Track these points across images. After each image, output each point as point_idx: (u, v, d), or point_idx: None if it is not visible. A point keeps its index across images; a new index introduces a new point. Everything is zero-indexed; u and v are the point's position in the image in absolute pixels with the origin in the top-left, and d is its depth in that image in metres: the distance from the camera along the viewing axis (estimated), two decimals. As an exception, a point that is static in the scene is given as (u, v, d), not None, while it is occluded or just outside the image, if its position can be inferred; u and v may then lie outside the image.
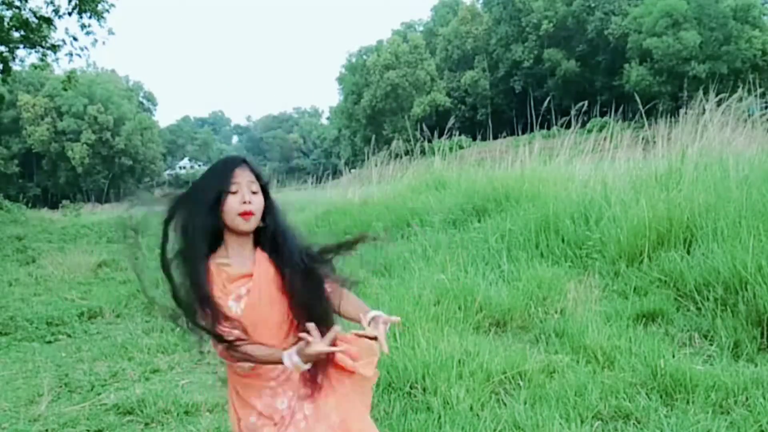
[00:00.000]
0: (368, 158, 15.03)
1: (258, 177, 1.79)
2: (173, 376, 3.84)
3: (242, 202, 1.73)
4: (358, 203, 10.41)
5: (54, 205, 40.14)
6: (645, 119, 7.52)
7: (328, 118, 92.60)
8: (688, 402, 2.80)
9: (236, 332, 1.70)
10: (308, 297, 1.78)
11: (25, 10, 15.03)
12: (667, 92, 43.55)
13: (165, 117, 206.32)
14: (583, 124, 8.98)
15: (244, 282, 1.77)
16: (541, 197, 6.25)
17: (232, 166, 1.77)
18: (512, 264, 5.00)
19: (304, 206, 13.24)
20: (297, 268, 1.78)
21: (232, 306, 1.74)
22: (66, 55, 16.45)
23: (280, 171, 65.71)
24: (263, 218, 1.78)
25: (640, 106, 7.62)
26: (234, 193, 1.74)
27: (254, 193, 1.76)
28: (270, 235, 1.80)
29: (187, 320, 1.80)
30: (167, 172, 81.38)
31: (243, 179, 1.75)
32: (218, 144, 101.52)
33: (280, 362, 1.67)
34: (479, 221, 6.51)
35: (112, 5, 15.83)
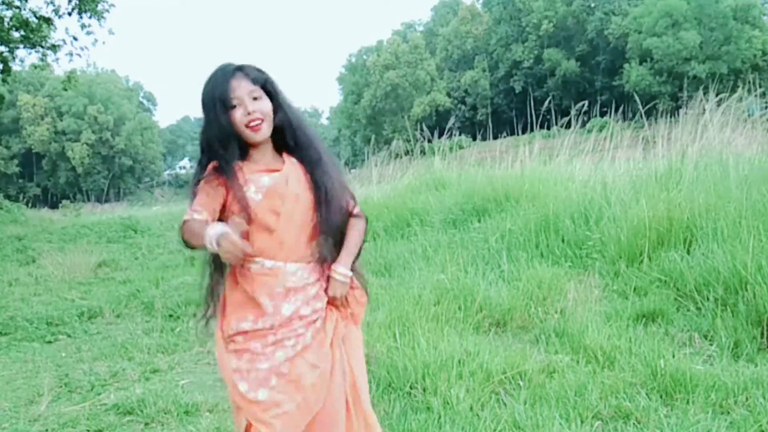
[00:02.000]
0: (368, 158, 15.03)
1: (256, 81, 1.76)
2: (173, 376, 3.84)
3: (246, 113, 1.72)
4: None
5: (54, 205, 40.18)
6: (645, 119, 7.52)
7: (328, 118, 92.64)
8: (688, 402, 2.80)
9: (197, 216, 1.71)
10: (332, 201, 1.80)
11: (25, 10, 15.03)
12: (667, 92, 43.56)
13: (165, 117, 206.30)
14: (583, 124, 8.98)
15: (268, 173, 1.77)
16: (541, 197, 6.24)
17: (226, 80, 1.74)
18: (512, 264, 5.00)
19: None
20: (324, 169, 1.80)
21: (249, 192, 1.74)
22: (66, 55, 16.55)
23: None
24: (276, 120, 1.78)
25: (640, 106, 7.62)
26: (235, 107, 1.73)
27: (256, 99, 1.74)
28: (289, 136, 1.81)
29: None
30: (167, 172, 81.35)
31: (240, 90, 1.73)
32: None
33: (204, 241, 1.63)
34: (479, 221, 6.50)
35: (112, 5, 15.84)
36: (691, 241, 4.63)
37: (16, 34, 15.10)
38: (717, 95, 6.63)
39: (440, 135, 11.34)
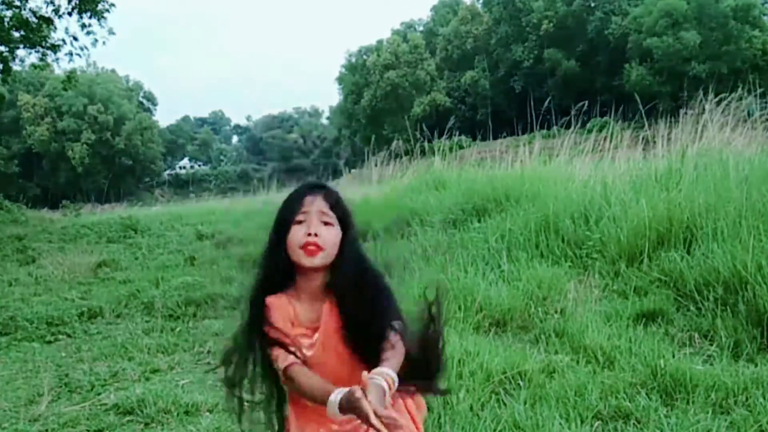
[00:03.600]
0: (368, 158, 15.05)
1: (334, 207, 1.56)
2: (173, 376, 3.84)
3: (307, 233, 1.52)
4: (358, 203, 10.41)
5: (54, 205, 40.12)
6: (645, 119, 7.52)
7: (328, 118, 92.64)
8: (688, 402, 2.80)
9: (291, 357, 1.54)
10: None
11: (25, 10, 15.02)
12: (667, 92, 43.52)
13: (165, 117, 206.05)
14: (583, 124, 8.99)
15: (308, 334, 1.58)
16: (541, 197, 6.24)
17: (302, 193, 1.57)
18: (512, 264, 5.00)
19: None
20: (367, 327, 1.55)
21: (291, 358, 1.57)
22: (66, 54, 16.41)
23: (280, 171, 65.77)
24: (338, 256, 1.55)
25: (640, 106, 7.63)
26: (300, 222, 1.54)
27: (326, 224, 1.54)
28: (341, 279, 1.57)
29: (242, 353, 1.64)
30: (167, 172, 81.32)
31: (312, 207, 1.54)
32: (218, 144, 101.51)
33: (326, 401, 1.43)
34: (479, 221, 6.50)
35: (112, 5, 15.82)
36: (691, 241, 4.63)
37: (16, 34, 15.09)
38: (717, 95, 6.63)
39: (440, 135, 11.35)
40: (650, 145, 7.73)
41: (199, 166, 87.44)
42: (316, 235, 1.52)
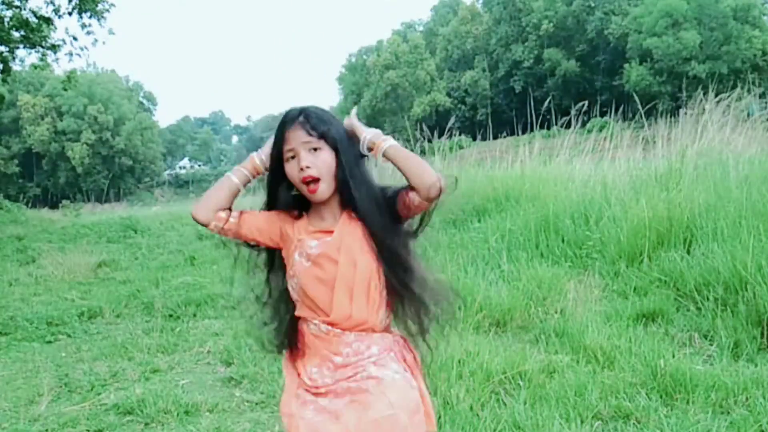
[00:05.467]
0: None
1: (315, 129, 1.53)
2: (173, 376, 3.84)
3: (300, 168, 1.52)
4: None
5: (54, 205, 40.14)
6: (645, 119, 7.52)
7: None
8: (688, 402, 2.80)
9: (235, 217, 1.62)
10: (398, 258, 1.62)
11: (25, 10, 15.02)
12: (667, 92, 43.54)
13: (165, 117, 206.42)
14: (583, 124, 8.98)
15: (319, 236, 1.58)
16: (541, 197, 6.25)
17: (282, 129, 1.56)
18: (512, 264, 5.00)
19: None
20: (382, 229, 1.59)
21: (296, 259, 1.59)
22: (66, 54, 16.49)
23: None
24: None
25: (640, 107, 7.62)
26: (292, 158, 1.55)
27: (315, 150, 1.54)
28: (354, 195, 1.56)
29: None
30: (167, 172, 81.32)
31: (296, 141, 1.53)
32: (218, 144, 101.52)
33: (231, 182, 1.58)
34: (479, 221, 6.51)
35: (112, 5, 15.83)
36: (691, 241, 4.64)
37: (16, 34, 15.10)
38: (717, 95, 6.63)
39: (440, 135, 11.33)
40: (650, 145, 7.73)
41: (199, 166, 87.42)
42: (308, 167, 1.52)
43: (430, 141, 11.82)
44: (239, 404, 3.31)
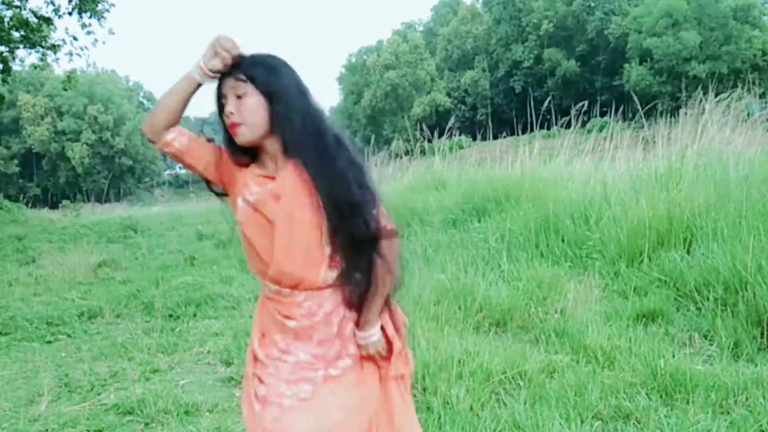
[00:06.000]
0: (368, 158, 15.04)
1: (247, 75, 1.48)
2: (173, 376, 3.84)
3: (227, 113, 1.50)
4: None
5: (54, 205, 40.16)
6: (645, 119, 7.52)
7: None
8: (688, 402, 2.80)
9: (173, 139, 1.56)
10: (348, 217, 1.48)
11: (25, 10, 15.03)
12: (667, 92, 43.54)
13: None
14: (583, 124, 8.97)
15: (261, 181, 1.53)
16: (541, 197, 6.24)
17: (221, 78, 1.52)
18: (512, 264, 5.00)
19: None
20: (327, 180, 1.48)
21: (240, 204, 1.54)
22: (66, 55, 16.51)
23: (280, 171, 65.43)
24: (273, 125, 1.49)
25: (639, 107, 7.62)
26: (225, 103, 1.52)
27: (239, 97, 1.49)
28: (290, 141, 1.49)
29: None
30: (167, 172, 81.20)
31: (226, 87, 1.51)
32: (218, 144, 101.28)
33: (189, 81, 1.51)
34: (479, 221, 6.51)
35: (112, 5, 15.85)
36: (691, 241, 4.64)
37: (16, 34, 15.10)
38: (717, 95, 6.63)
39: (440, 135, 11.34)
40: (650, 145, 7.73)
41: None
42: (231, 113, 1.49)
43: (430, 141, 11.83)
44: (239, 404, 3.31)
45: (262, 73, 1.50)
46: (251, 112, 1.48)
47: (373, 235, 1.53)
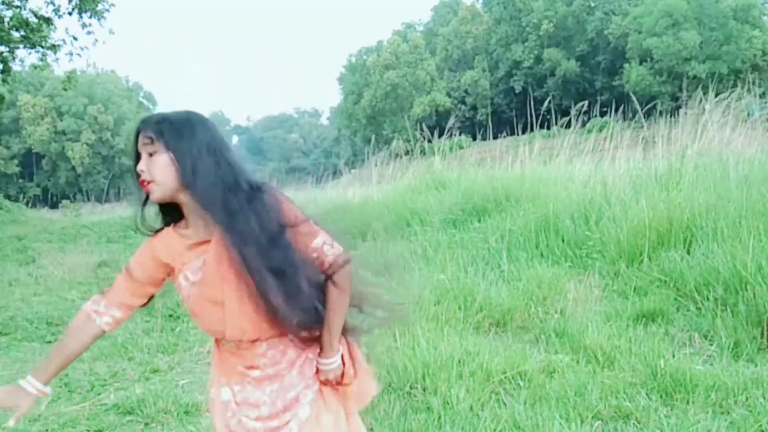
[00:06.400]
0: (368, 158, 15.07)
1: (156, 133, 1.44)
2: (173, 376, 3.84)
3: (139, 170, 1.47)
4: (358, 203, 10.42)
5: (54, 205, 40.20)
6: (645, 119, 7.52)
7: (328, 119, 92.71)
8: (688, 402, 2.80)
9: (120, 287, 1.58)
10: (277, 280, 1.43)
11: (25, 10, 15.04)
12: (667, 92, 43.55)
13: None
14: (583, 124, 8.99)
15: (203, 251, 1.49)
16: (541, 197, 6.25)
17: (135, 136, 1.49)
18: (512, 264, 5.00)
19: (304, 206, 13.22)
20: (239, 243, 1.43)
21: (182, 283, 1.52)
22: (66, 55, 16.51)
23: (280, 171, 65.74)
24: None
25: (638, 107, 7.63)
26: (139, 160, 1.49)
27: (151, 155, 1.45)
28: (199, 200, 1.45)
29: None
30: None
31: (139, 145, 1.48)
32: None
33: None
34: (479, 221, 6.51)
35: (112, 5, 15.85)
36: (691, 241, 4.63)
37: (16, 34, 15.10)
38: (717, 95, 6.63)
39: (440, 135, 11.34)
40: (650, 145, 7.74)
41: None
42: (142, 170, 1.46)
43: (430, 141, 11.84)
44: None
45: (169, 131, 1.45)
46: (160, 170, 1.45)
47: (315, 290, 1.50)
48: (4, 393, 1.61)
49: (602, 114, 13.91)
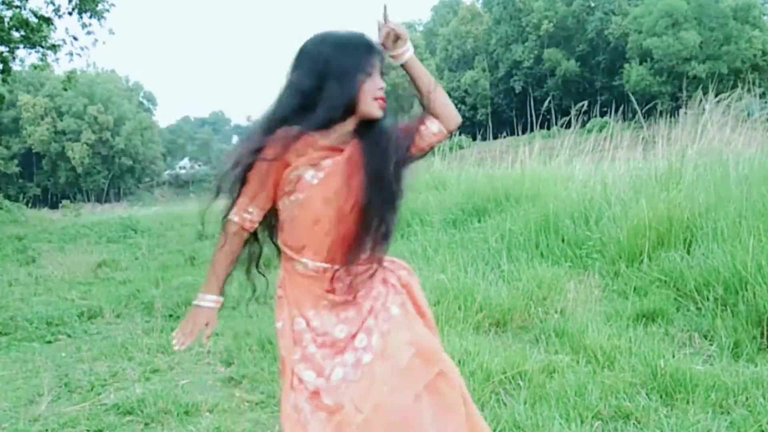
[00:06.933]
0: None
1: (382, 60, 1.69)
2: (173, 376, 3.84)
3: (378, 87, 1.64)
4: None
5: (54, 205, 40.20)
6: (645, 119, 7.52)
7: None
8: (688, 402, 2.80)
9: (246, 217, 1.64)
10: (382, 204, 1.62)
11: (25, 10, 15.03)
12: (667, 92, 43.57)
13: (165, 117, 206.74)
14: (583, 124, 8.98)
15: (330, 154, 1.61)
16: (541, 197, 6.25)
17: (371, 50, 1.65)
18: (512, 264, 5.00)
19: (304, 206, 13.22)
20: (383, 172, 1.62)
21: (307, 174, 1.59)
22: (66, 55, 16.54)
23: (280, 171, 65.38)
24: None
25: (637, 107, 7.62)
26: (369, 75, 1.64)
27: (381, 75, 1.68)
28: (369, 131, 1.64)
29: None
30: (167, 172, 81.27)
31: (377, 65, 1.65)
32: (218, 144, 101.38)
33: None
34: (479, 221, 6.50)
35: (112, 5, 15.85)
36: (691, 241, 4.63)
37: (16, 34, 15.10)
38: (717, 95, 6.63)
39: (440, 135, 11.31)
40: (650, 145, 7.73)
41: (200, 166, 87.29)
42: (383, 88, 1.65)
43: (430, 141, 11.81)
44: (239, 404, 3.31)
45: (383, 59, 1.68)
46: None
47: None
48: (191, 319, 1.74)
49: (602, 114, 13.90)
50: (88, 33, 16.37)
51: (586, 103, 8.58)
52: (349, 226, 1.60)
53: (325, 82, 1.58)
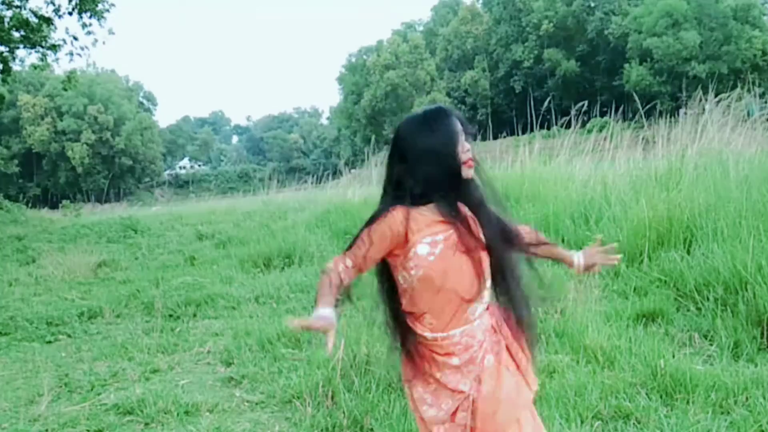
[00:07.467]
0: (368, 158, 15.07)
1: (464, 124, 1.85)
2: (173, 376, 3.84)
3: (464, 150, 1.75)
4: (357, 203, 10.41)
5: (54, 205, 40.18)
6: (645, 119, 7.52)
7: (328, 118, 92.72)
8: (688, 402, 2.80)
9: (343, 267, 1.72)
10: (503, 251, 1.88)
11: (25, 10, 15.03)
12: (667, 92, 43.58)
13: (165, 117, 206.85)
14: (583, 124, 8.98)
15: (441, 228, 1.73)
16: (541, 197, 6.25)
17: (458, 118, 1.79)
18: (512, 264, 4.98)
19: (304, 206, 13.24)
20: (493, 225, 1.82)
21: (422, 249, 1.70)
22: (66, 55, 16.54)
23: (280, 171, 65.75)
24: None
25: (639, 106, 7.63)
26: (458, 143, 1.77)
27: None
28: (470, 192, 1.80)
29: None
30: (167, 172, 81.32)
31: (461, 131, 1.78)
32: (218, 144, 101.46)
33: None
34: (479, 221, 6.49)
35: (112, 5, 15.82)
36: (691, 241, 4.63)
37: (16, 34, 15.09)
38: (717, 95, 6.63)
39: (440, 135, 11.31)
40: (650, 145, 7.73)
41: (199, 166, 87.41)
42: (468, 150, 1.76)
43: (430, 141, 11.83)
44: (239, 404, 3.31)
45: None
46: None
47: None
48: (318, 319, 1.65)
49: (602, 114, 13.91)
50: (88, 33, 16.36)
51: (586, 103, 8.59)
52: (475, 288, 1.77)
53: (424, 161, 1.75)
